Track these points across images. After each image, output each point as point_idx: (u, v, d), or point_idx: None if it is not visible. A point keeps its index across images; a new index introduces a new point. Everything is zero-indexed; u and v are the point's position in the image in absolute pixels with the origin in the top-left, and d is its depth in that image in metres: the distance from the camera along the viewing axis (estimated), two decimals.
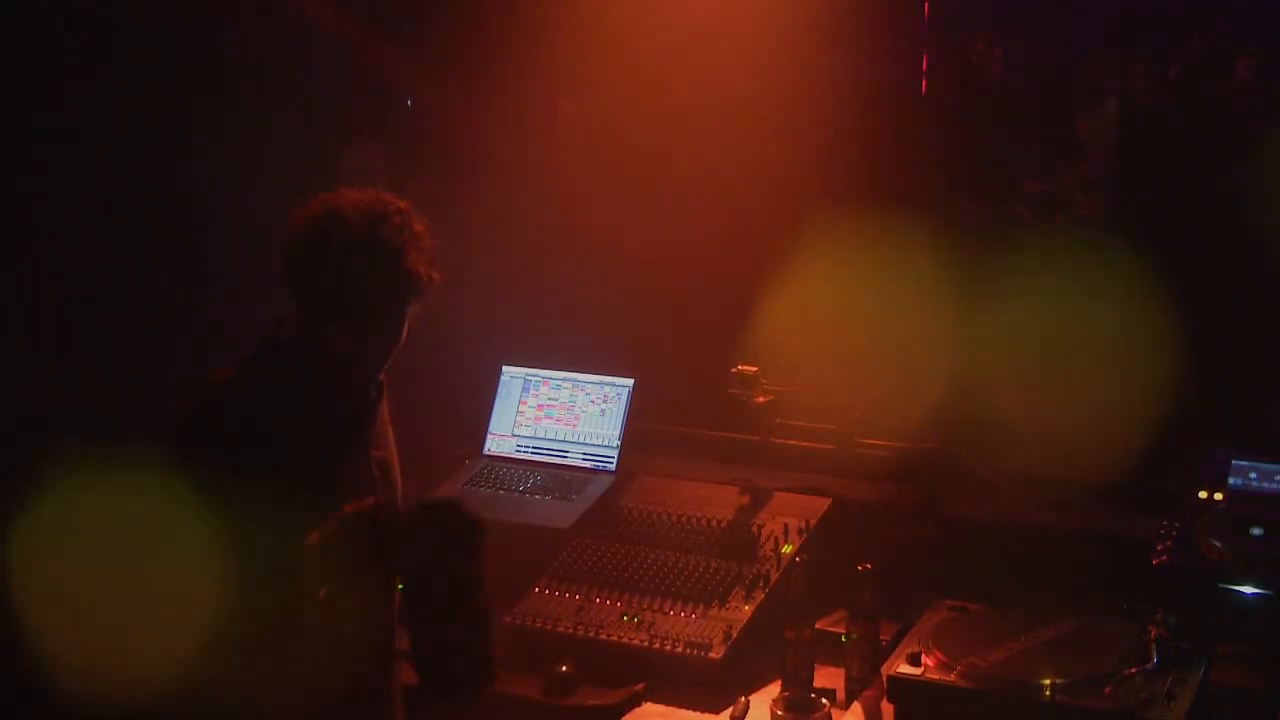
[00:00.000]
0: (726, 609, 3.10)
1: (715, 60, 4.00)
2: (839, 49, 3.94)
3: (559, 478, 3.74)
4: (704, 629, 3.04)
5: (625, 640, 3.04)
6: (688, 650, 2.98)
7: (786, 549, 3.26)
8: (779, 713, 2.69)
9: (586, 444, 3.80)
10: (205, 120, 3.71)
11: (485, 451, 3.90)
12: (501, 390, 3.94)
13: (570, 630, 3.09)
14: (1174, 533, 3.01)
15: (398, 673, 2.72)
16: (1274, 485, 3.06)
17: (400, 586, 2.65)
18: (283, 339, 2.60)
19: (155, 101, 3.62)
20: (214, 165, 3.72)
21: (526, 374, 3.93)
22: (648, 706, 2.90)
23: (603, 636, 3.07)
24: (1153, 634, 2.66)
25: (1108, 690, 2.53)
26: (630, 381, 3.81)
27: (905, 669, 2.66)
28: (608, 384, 3.83)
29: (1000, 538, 3.35)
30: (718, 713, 2.86)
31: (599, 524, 3.48)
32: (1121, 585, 2.97)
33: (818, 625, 2.97)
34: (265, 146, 3.88)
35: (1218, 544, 2.95)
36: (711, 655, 2.96)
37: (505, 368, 3.95)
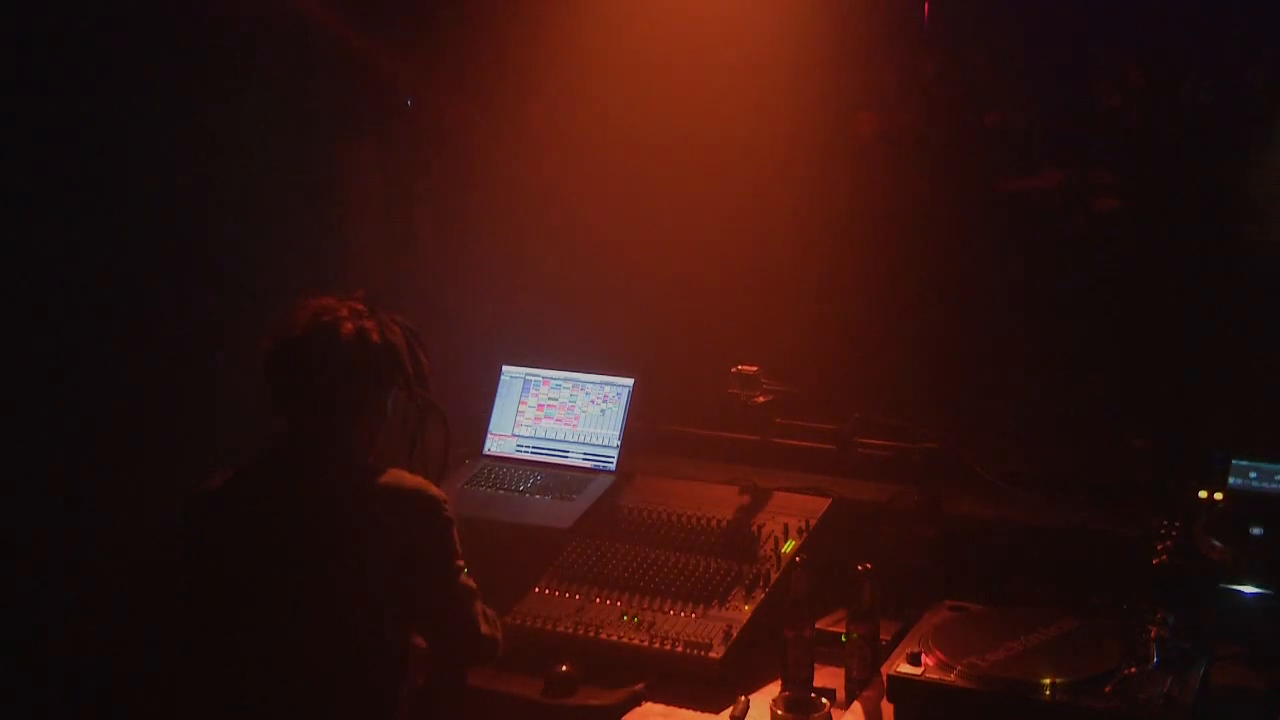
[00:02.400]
0: (726, 609, 3.10)
1: (716, 62, 4.00)
2: (839, 51, 3.94)
3: (559, 478, 3.74)
4: (704, 629, 3.04)
5: (625, 640, 3.04)
6: (688, 650, 2.98)
7: (786, 549, 3.26)
8: (779, 713, 2.68)
9: (586, 444, 3.79)
10: (205, 121, 3.71)
11: (485, 451, 3.90)
12: (501, 390, 3.94)
13: (570, 630, 3.09)
14: (1174, 533, 3.01)
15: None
16: (1274, 485, 3.06)
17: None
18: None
19: (154, 102, 3.62)
20: (213, 165, 3.72)
21: (526, 374, 3.93)
22: (648, 706, 2.89)
23: (603, 636, 3.06)
24: (1153, 634, 2.66)
25: (1108, 690, 2.53)
26: (630, 381, 3.80)
27: (905, 669, 2.66)
28: (608, 384, 3.83)
29: (1000, 538, 3.35)
30: (718, 713, 2.86)
31: (599, 524, 3.48)
32: (1121, 585, 2.97)
33: (818, 625, 2.97)
34: (264, 146, 3.88)
35: (1218, 544, 2.95)
36: (711, 655, 2.96)
37: (505, 367, 3.95)
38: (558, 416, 3.85)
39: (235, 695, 2.65)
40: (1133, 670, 2.57)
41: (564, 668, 2.97)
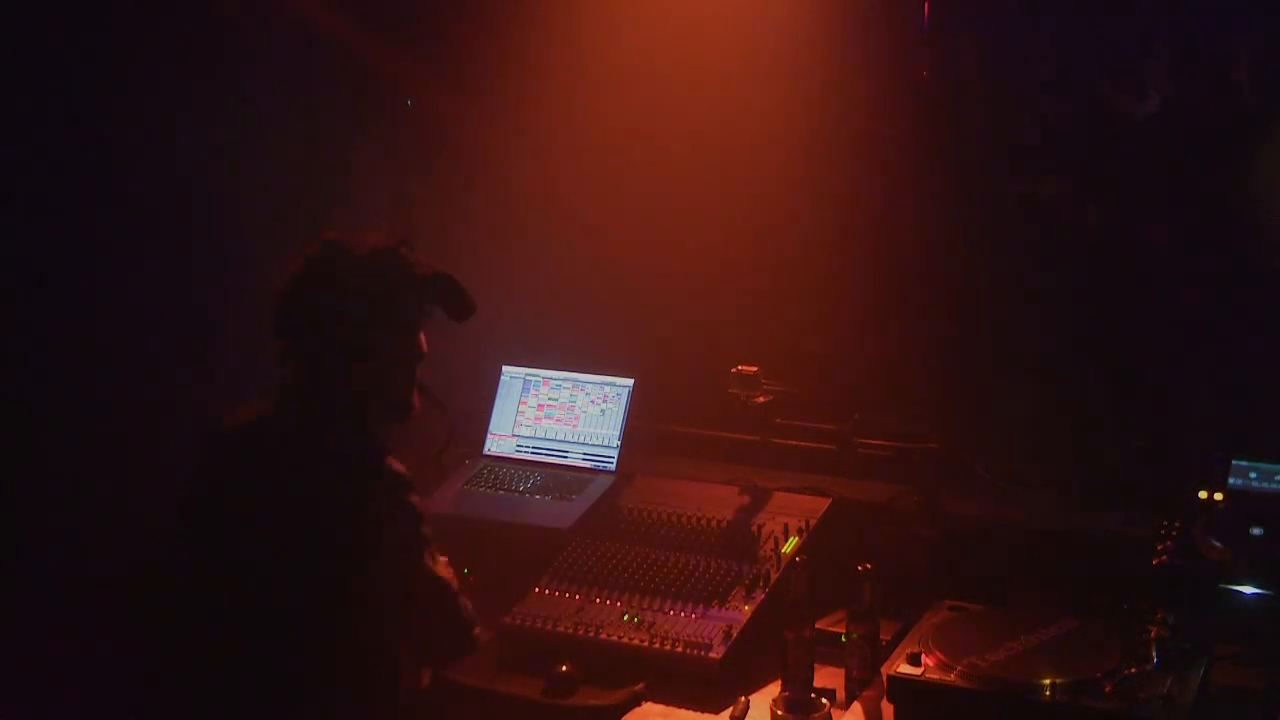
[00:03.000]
0: (726, 609, 3.10)
1: (715, 62, 4.00)
2: (839, 50, 3.94)
3: (559, 478, 3.74)
4: (704, 629, 3.04)
5: (625, 640, 3.05)
6: (688, 650, 2.99)
7: (786, 549, 3.26)
8: (779, 713, 2.69)
9: (586, 444, 3.80)
10: (204, 120, 3.71)
11: (485, 451, 3.90)
12: (501, 390, 3.94)
13: (570, 630, 3.09)
14: (1174, 533, 3.01)
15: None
16: (1274, 485, 3.07)
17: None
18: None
19: (154, 102, 3.62)
20: (213, 165, 3.72)
21: (526, 374, 3.93)
22: (648, 706, 2.90)
23: (603, 636, 3.07)
24: (1153, 634, 2.67)
25: (1108, 690, 2.53)
26: (630, 381, 3.81)
27: (905, 669, 2.67)
28: (608, 384, 3.83)
29: (1000, 538, 3.35)
30: (718, 713, 2.86)
31: (599, 524, 3.48)
32: (1121, 585, 2.97)
33: (818, 625, 2.97)
34: (265, 147, 3.88)
35: (1218, 544, 2.95)
36: (711, 655, 2.97)
37: (505, 368, 3.95)
38: (558, 416, 3.85)
39: (232, 667, 2.63)
40: (1133, 670, 2.57)
41: (564, 668, 2.98)
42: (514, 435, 3.89)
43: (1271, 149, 3.73)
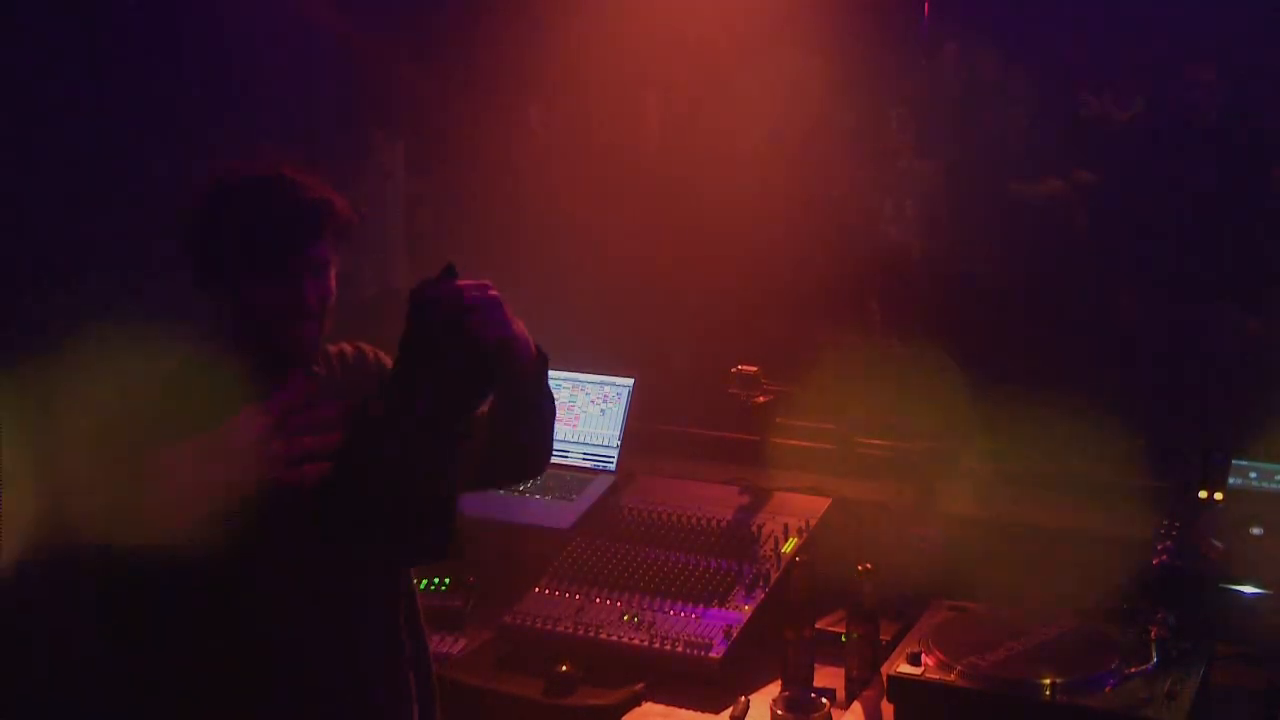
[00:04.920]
0: (726, 609, 3.10)
1: (715, 62, 4.01)
2: (837, 49, 3.95)
3: (559, 478, 3.74)
4: (704, 629, 3.04)
5: (625, 640, 3.05)
6: (688, 650, 2.99)
7: (786, 549, 3.26)
8: (779, 713, 2.69)
9: (586, 444, 3.79)
10: (207, 119, 3.72)
11: None
12: None
13: (570, 630, 3.09)
14: (1174, 533, 3.01)
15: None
16: (1274, 485, 3.07)
17: None
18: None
19: (158, 100, 3.63)
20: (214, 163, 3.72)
21: None
22: (648, 706, 2.90)
23: (603, 636, 3.07)
24: (1153, 634, 2.67)
25: (1108, 690, 2.53)
26: (630, 381, 3.81)
27: (905, 669, 2.67)
28: (608, 384, 3.83)
29: (1000, 538, 3.35)
30: (718, 713, 2.86)
31: (599, 524, 3.48)
32: (1121, 585, 2.97)
33: (818, 625, 2.97)
34: (266, 146, 3.88)
35: (1218, 544, 2.95)
36: (711, 655, 2.97)
37: None
38: (557, 416, 3.85)
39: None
40: (1133, 670, 2.58)
41: (564, 668, 2.98)
42: None
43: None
